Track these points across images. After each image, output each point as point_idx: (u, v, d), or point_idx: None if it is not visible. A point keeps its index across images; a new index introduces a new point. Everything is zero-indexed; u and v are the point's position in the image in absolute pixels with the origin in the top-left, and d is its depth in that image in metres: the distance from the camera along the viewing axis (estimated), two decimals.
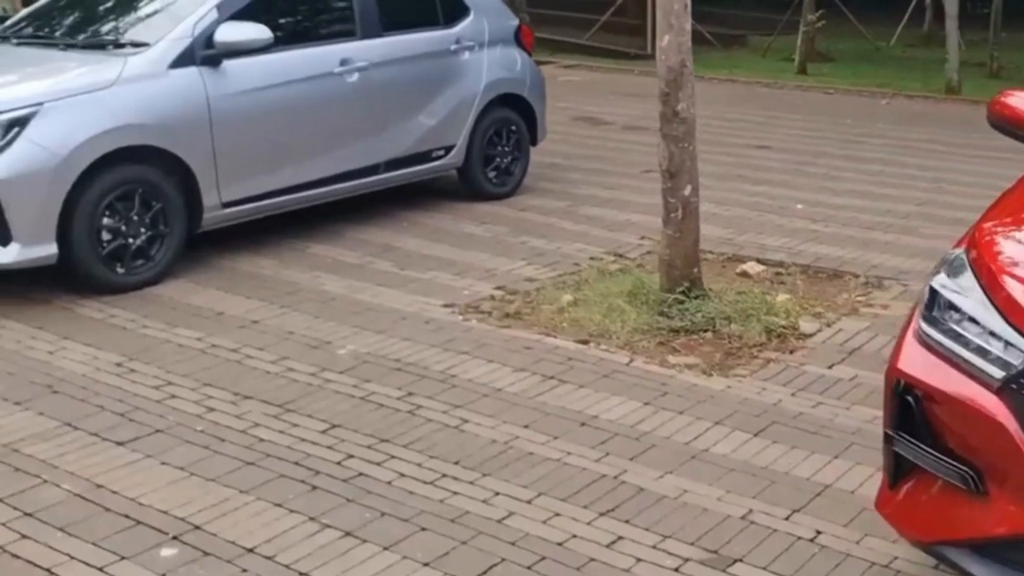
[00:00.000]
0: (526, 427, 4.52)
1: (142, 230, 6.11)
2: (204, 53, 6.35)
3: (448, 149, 7.85)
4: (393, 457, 4.25)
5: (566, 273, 6.55)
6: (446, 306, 5.96)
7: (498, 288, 6.27)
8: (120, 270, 6.07)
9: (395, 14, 7.47)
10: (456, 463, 4.21)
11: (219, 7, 6.51)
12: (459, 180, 8.24)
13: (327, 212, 7.39)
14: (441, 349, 5.34)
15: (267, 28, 6.40)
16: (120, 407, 4.65)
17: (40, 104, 5.75)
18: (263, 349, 5.32)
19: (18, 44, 6.76)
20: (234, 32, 6.34)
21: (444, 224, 7.61)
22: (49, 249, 5.79)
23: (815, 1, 18.03)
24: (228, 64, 6.44)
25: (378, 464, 4.19)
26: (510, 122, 8.30)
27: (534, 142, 8.60)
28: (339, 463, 4.19)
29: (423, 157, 7.71)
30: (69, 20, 6.98)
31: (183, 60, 6.29)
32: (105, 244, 5.99)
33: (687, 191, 5.73)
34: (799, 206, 8.33)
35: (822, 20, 18.02)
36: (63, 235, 5.82)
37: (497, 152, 8.24)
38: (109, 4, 7.07)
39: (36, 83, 5.93)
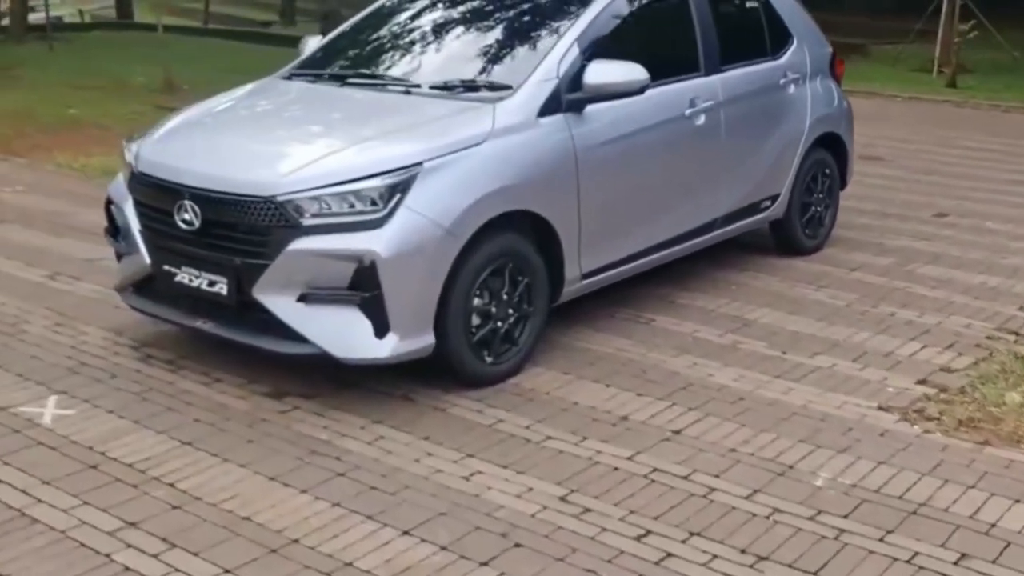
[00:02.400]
0: None
1: (510, 311, 5.13)
2: (570, 97, 5.36)
3: (774, 199, 6.86)
4: None
5: (981, 360, 5.55)
6: (881, 409, 4.98)
7: (920, 382, 5.28)
8: (488, 359, 5.09)
9: (730, 45, 6.47)
10: None
11: (579, 42, 5.50)
12: (770, 232, 7.21)
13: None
14: (932, 476, 4.36)
15: (642, 68, 5.38)
16: None
17: (419, 164, 4.77)
18: (719, 476, 4.34)
19: (343, 85, 5.75)
20: (606, 73, 5.34)
21: (776, 288, 6.62)
22: (427, 339, 4.82)
23: (953, 9, 17.01)
24: (589, 110, 5.44)
25: None
26: (825, 165, 7.30)
27: (843, 186, 7.58)
28: None
29: (753, 209, 6.73)
30: (399, 56, 6.00)
31: (550, 106, 5.31)
32: (475, 329, 4.99)
33: None
34: None
35: (974, 31, 16.95)
36: (437, 321, 4.83)
37: (812, 200, 7.23)
38: (438, 36, 6.06)
39: (408, 138, 4.94)
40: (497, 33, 5.86)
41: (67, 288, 6.39)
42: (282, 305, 4.73)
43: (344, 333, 4.72)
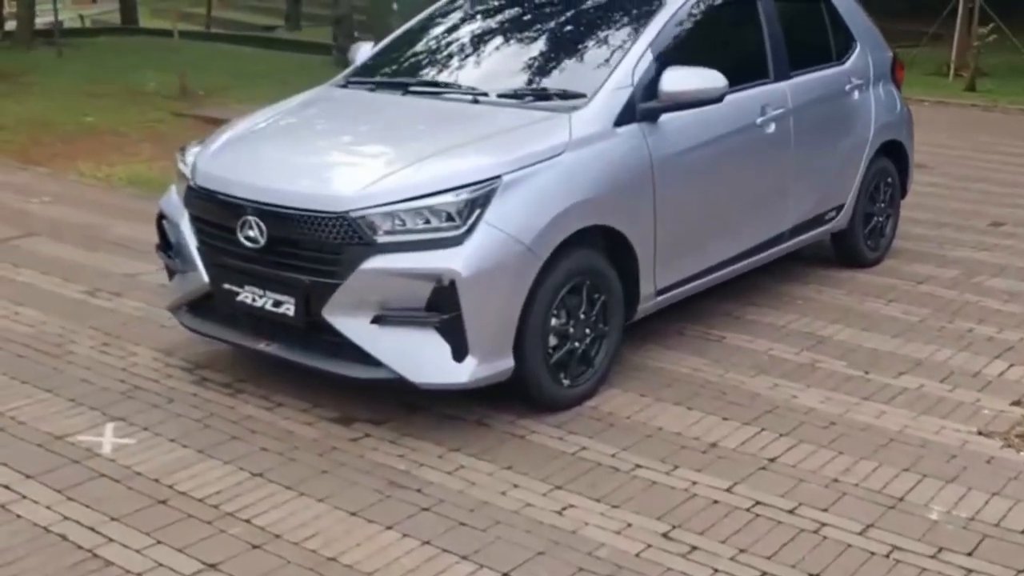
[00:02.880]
0: None
1: (586, 331, 4.88)
2: (645, 106, 5.11)
3: (839, 209, 6.62)
4: None
5: None
6: (982, 434, 4.74)
7: (1015, 403, 5.06)
8: (565, 381, 4.84)
9: (798, 49, 6.22)
10: None
11: (652, 48, 5.25)
12: (831, 244, 6.96)
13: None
14: None
15: (720, 74, 5.13)
16: None
17: (498, 178, 4.52)
18: (827, 510, 4.10)
19: (405, 94, 5.49)
20: (684, 80, 5.09)
21: (844, 302, 6.38)
22: (506, 363, 4.57)
23: (970, 12, 16.79)
24: (663, 119, 5.19)
25: None
26: (887, 173, 7.05)
27: (903, 195, 7.33)
28: None
29: (819, 220, 6.49)
30: (460, 63, 5.73)
31: (625, 115, 5.07)
32: (552, 351, 4.74)
33: None
34: None
35: (992, 34, 16.70)
36: (515, 343, 4.58)
37: (875, 210, 6.99)
38: (500, 42, 5.82)
39: (485, 151, 4.69)
40: (562, 39, 5.61)
41: (109, 305, 6.13)
42: (354, 327, 4.48)
43: (420, 356, 4.47)
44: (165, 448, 4.48)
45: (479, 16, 6.05)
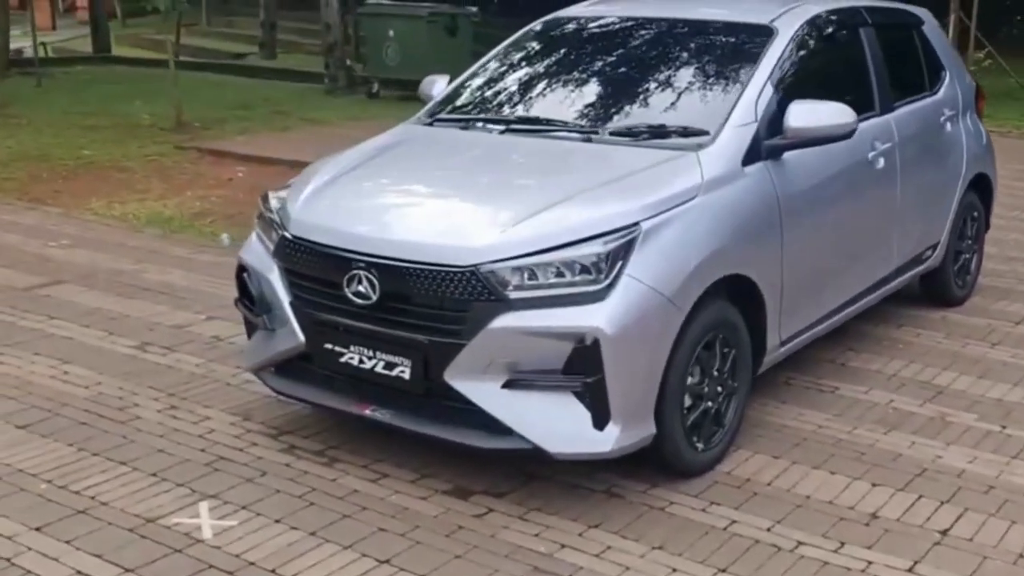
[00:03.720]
0: None
1: (718, 388, 4.47)
2: (770, 143, 4.73)
3: (934, 247, 6.26)
4: None
5: None
6: None
7: None
8: (699, 444, 4.43)
9: (897, 79, 5.88)
10: None
11: (771, 80, 4.87)
12: (918, 284, 6.60)
13: None
14: None
15: (849, 108, 4.76)
16: None
17: (636, 225, 4.11)
18: None
19: (504, 132, 5.05)
20: (811, 115, 4.71)
21: (947, 346, 6.03)
22: (648, 428, 4.16)
23: (968, 37, 16.61)
24: (786, 156, 4.81)
25: None
26: (974, 207, 6.72)
27: (987, 229, 7.00)
28: None
29: (917, 259, 6.14)
30: (560, 98, 5.30)
31: (752, 154, 4.69)
32: (686, 411, 4.33)
33: None
34: None
35: (988, 59, 16.52)
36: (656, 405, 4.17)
37: (963, 246, 6.65)
38: (600, 73, 5.40)
39: (621, 195, 4.28)
40: (666, 71, 5.20)
41: (164, 361, 5.64)
42: (482, 392, 4.05)
43: (558, 424, 4.04)
44: (272, 531, 4.02)
45: (566, 47, 5.64)
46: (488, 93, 5.51)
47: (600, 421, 4.02)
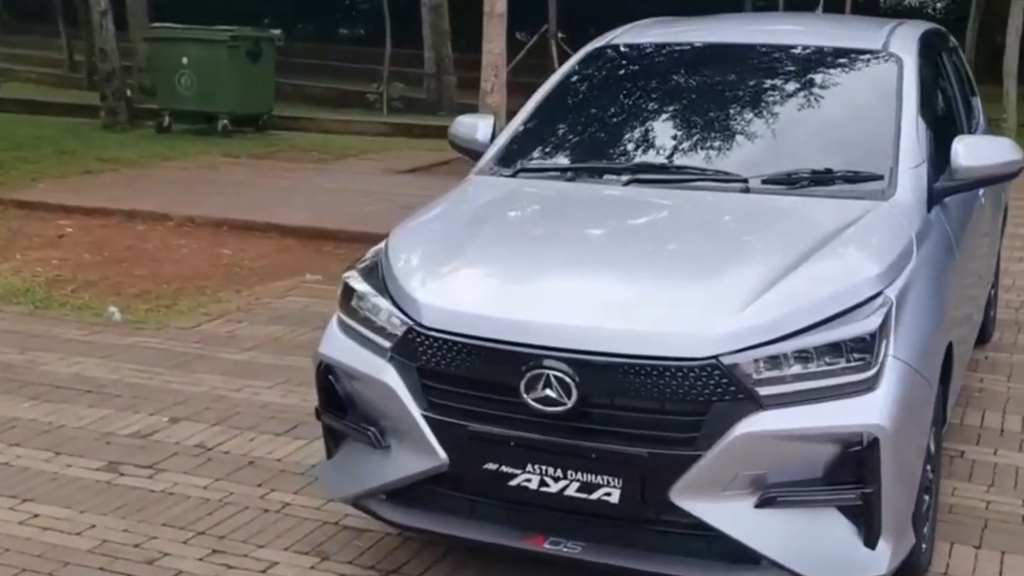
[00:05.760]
0: None
1: (930, 476, 3.79)
2: (941, 186, 4.11)
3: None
4: None
5: None
6: None
7: None
8: (924, 545, 3.73)
9: (966, 113, 5.40)
10: None
11: (920, 110, 4.26)
12: None
13: None
14: None
15: (1016, 144, 4.20)
16: None
17: (882, 295, 3.37)
18: None
19: (628, 183, 4.16)
20: (981, 152, 4.12)
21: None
22: (909, 540, 3.45)
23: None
24: (948, 201, 4.22)
25: None
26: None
27: None
28: None
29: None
30: (675, 138, 4.45)
31: (930, 198, 4.07)
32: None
33: None
34: None
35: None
36: None
37: None
38: (707, 108, 4.59)
39: (850, 259, 3.57)
40: (792, 106, 4.49)
41: (157, 487, 4.48)
42: (724, 513, 3.21)
43: (821, 547, 3.26)
44: None
45: (645, 78, 4.84)
46: (575, 136, 4.61)
47: (872, 538, 3.24)
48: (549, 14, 17.66)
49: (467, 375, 3.39)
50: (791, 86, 4.54)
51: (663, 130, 4.49)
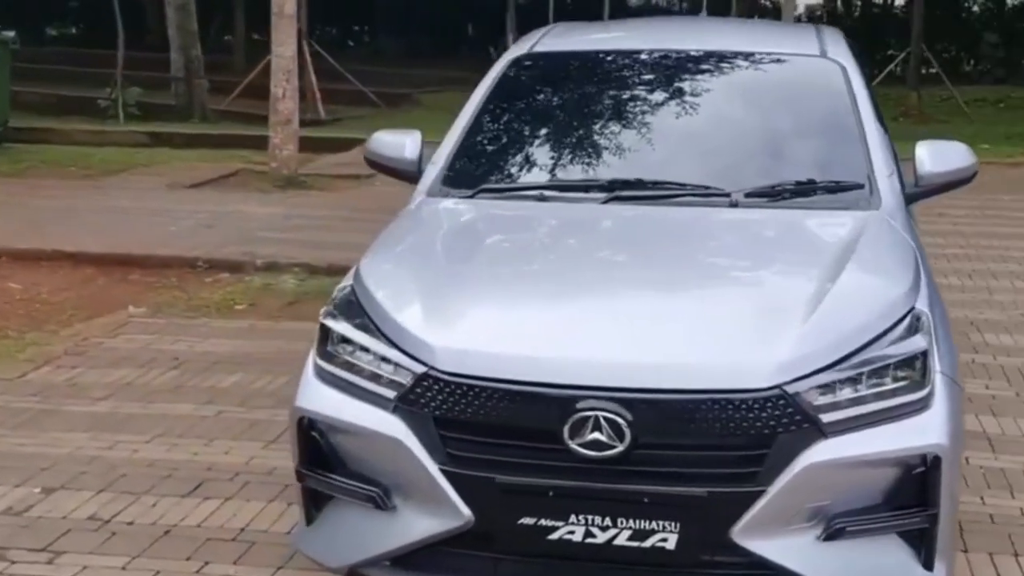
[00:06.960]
0: None
1: None
2: (908, 192, 4.12)
3: None
4: None
5: None
6: None
7: None
8: None
9: None
10: None
11: (877, 118, 4.25)
12: None
13: None
14: None
15: (969, 147, 4.23)
16: None
17: (914, 309, 3.28)
18: None
19: (606, 202, 3.90)
20: (942, 157, 4.11)
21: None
22: (954, 557, 3.34)
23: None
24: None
25: None
26: None
27: None
28: None
29: None
30: (640, 152, 4.20)
31: (904, 207, 4.03)
32: None
33: None
34: None
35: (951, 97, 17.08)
36: None
37: None
38: (654, 118, 4.38)
39: (880, 274, 3.48)
40: (746, 113, 4.38)
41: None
42: (790, 550, 3.03)
43: (880, 574, 3.10)
44: None
45: (577, 86, 4.58)
46: (531, 152, 4.30)
47: (930, 560, 3.13)
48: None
49: (497, 422, 3.04)
50: (746, 94, 4.47)
51: (628, 144, 4.24)
